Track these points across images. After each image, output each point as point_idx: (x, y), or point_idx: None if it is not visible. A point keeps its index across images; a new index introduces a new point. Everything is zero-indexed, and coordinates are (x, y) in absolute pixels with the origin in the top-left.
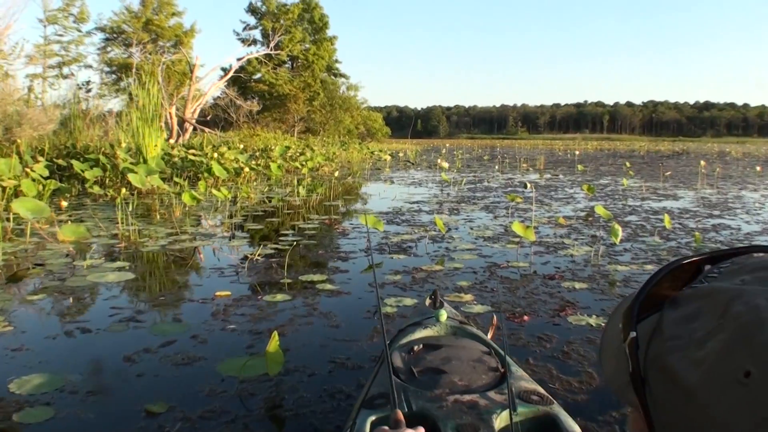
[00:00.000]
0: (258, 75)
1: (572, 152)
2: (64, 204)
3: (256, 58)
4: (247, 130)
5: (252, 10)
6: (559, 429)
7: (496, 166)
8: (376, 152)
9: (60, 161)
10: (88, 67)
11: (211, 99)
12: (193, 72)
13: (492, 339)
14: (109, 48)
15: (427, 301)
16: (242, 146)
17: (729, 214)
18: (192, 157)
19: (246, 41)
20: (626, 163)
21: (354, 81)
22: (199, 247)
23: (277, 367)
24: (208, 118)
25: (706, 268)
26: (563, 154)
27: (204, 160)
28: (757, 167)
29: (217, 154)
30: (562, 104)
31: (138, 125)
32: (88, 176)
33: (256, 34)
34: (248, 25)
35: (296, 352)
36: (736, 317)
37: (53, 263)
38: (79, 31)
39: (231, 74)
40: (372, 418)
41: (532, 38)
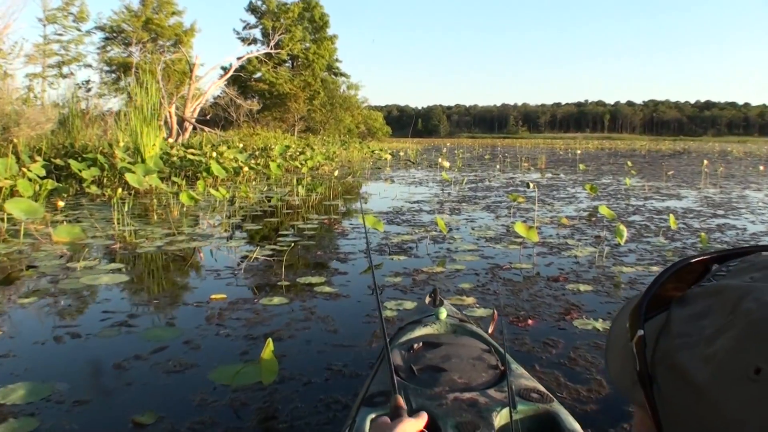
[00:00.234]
0: (258, 74)
1: (573, 151)
2: (60, 204)
3: (256, 57)
4: (247, 129)
5: (252, 8)
6: (559, 427)
7: (497, 166)
8: (376, 151)
9: (58, 161)
10: (87, 66)
11: (211, 98)
12: (192, 71)
13: (493, 334)
14: (109, 47)
15: (427, 299)
16: (242, 145)
17: (734, 214)
18: (191, 156)
19: (246, 40)
20: (628, 163)
21: (354, 80)
22: (196, 248)
23: (271, 376)
24: (208, 118)
25: (714, 267)
26: (564, 153)
27: (203, 159)
28: (760, 167)
29: (216, 154)
30: (563, 103)
31: (136, 124)
32: (86, 176)
33: (256, 33)
34: (248, 24)
35: (292, 359)
36: (746, 314)
37: (47, 265)
38: (79, 30)
39: (231, 73)
40: (372, 416)
41: (532, 38)
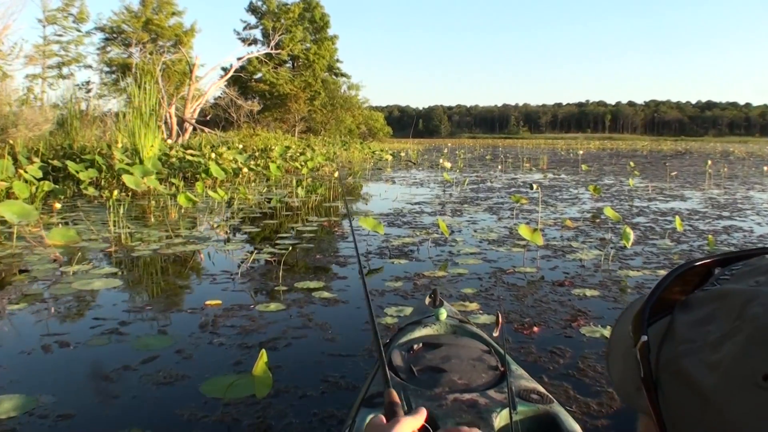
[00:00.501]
0: (258, 74)
1: (575, 152)
2: (57, 206)
3: (257, 58)
4: (247, 130)
5: (252, 9)
6: (559, 428)
7: (498, 166)
8: (377, 152)
9: (55, 162)
10: (87, 67)
11: (212, 99)
12: (192, 72)
13: (498, 338)
14: (109, 48)
15: (427, 300)
16: (241, 146)
17: (739, 215)
18: (190, 157)
19: (246, 41)
20: (630, 163)
21: (355, 80)
22: (193, 251)
23: (265, 389)
24: (208, 118)
25: (717, 270)
26: (566, 153)
27: (202, 160)
28: (764, 167)
29: (215, 155)
30: (564, 104)
31: (134, 125)
32: (83, 177)
33: (256, 33)
34: (248, 24)
35: (287, 370)
36: (752, 319)
37: (39, 269)
38: (79, 31)
39: (231, 74)
40: (371, 416)
41: (533, 38)
